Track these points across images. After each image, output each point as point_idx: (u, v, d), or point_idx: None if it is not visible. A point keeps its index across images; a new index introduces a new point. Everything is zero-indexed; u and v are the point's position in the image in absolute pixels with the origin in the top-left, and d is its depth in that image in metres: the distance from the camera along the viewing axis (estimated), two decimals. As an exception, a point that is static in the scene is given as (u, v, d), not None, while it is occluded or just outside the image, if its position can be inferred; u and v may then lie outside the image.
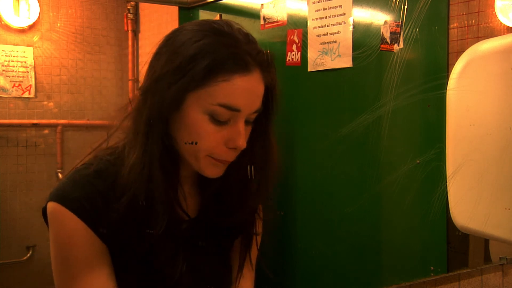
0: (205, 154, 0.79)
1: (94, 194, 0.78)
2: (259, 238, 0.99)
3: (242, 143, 0.79)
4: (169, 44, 0.79)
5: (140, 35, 2.72)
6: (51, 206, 0.77)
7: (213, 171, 0.82)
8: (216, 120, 0.77)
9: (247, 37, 0.82)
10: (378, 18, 1.35)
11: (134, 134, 0.79)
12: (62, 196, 0.77)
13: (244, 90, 0.77)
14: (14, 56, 2.44)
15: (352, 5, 1.41)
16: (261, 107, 0.83)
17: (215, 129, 0.78)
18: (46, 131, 2.54)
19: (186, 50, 0.75)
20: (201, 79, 0.75)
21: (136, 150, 0.77)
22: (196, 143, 0.77)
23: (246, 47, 0.79)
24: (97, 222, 0.77)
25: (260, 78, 0.81)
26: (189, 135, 0.77)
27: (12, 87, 2.44)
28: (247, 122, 0.83)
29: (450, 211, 1.24)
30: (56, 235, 0.77)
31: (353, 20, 1.41)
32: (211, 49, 0.75)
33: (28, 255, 2.48)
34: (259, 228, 0.97)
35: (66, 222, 0.76)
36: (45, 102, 2.54)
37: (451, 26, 1.30)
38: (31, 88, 2.49)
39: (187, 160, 0.81)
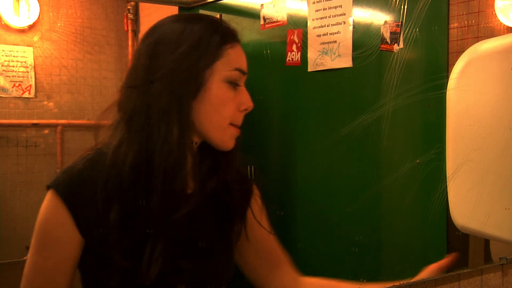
0: (228, 123, 0.86)
1: (84, 180, 0.82)
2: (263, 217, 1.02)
3: (252, 104, 0.88)
4: (163, 39, 0.84)
5: (140, 35, 2.72)
6: (48, 191, 0.83)
7: (232, 142, 0.89)
8: (233, 86, 0.86)
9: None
10: (378, 18, 1.35)
11: (139, 126, 0.82)
12: (55, 182, 0.83)
13: (243, 55, 0.89)
14: (14, 56, 2.44)
15: (352, 5, 1.41)
16: None
17: (232, 95, 0.86)
18: (46, 131, 2.53)
19: (190, 36, 0.84)
20: (215, 53, 0.84)
21: (152, 139, 0.81)
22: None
23: (225, 24, 0.90)
24: (80, 209, 0.81)
25: None
26: (215, 107, 0.85)
27: (12, 87, 2.44)
28: None
29: (450, 211, 1.24)
30: (40, 213, 0.83)
31: (353, 20, 1.41)
32: (213, 28, 0.86)
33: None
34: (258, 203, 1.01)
35: (51, 204, 0.82)
36: (45, 102, 2.54)
37: (451, 26, 1.30)
38: (31, 88, 2.49)
39: (210, 136, 0.86)
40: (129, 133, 0.82)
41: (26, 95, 2.47)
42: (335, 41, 1.45)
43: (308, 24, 1.53)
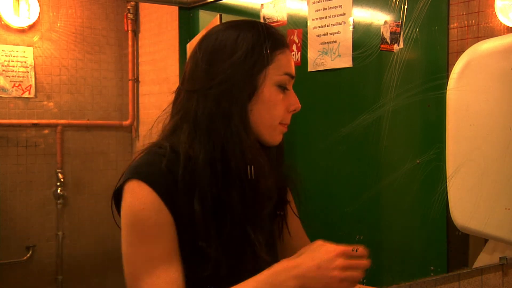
0: (278, 122, 0.94)
1: (164, 173, 0.85)
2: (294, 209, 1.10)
3: (300, 105, 0.96)
4: (218, 45, 0.90)
5: (140, 35, 2.72)
6: (129, 183, 0.84)
7: (280, 137, 0.96)
8: (282, 89, 0.93)
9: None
10: (378, 18, 1.35)
11: (204, 127, 0.88)
12: (137, 172, 0.85)
13: (292, 60, 0.96)
14: (14, 56, 2.44)
15: (352, 5, 1.41)
16: None
17: (282, 98, 0.93)
18: (46, 131, 2.54)
19: (244, 43, 0.90)
20: (267, 58, 0.91)
21: (221, 140, 0.87)
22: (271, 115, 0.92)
23: (275, 31, 0.96)
24: (167, 196, 0.84)
25: None
26: (268, 108, 0.91)
27: (12, 87, 2.44)
28: None
29: (450, 211, 1.24)
30: (130, 204, 0.84)
31: (353, 20, 1.41)
32: (265, 35, 0.91)
33: (28, 255, 2.48)
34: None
35: (142, 193, 0.83)
36: (45, 102, 2.54)
37: (451, 26, 1.30)
38: (31, 88, 2.49)
39: (262, 133, 0.93)
40: (195, 133, 0.88)
41: (26, 95, 2.48)
42: (335, 41, 1.45)
43: (308, 24, 1.53)
